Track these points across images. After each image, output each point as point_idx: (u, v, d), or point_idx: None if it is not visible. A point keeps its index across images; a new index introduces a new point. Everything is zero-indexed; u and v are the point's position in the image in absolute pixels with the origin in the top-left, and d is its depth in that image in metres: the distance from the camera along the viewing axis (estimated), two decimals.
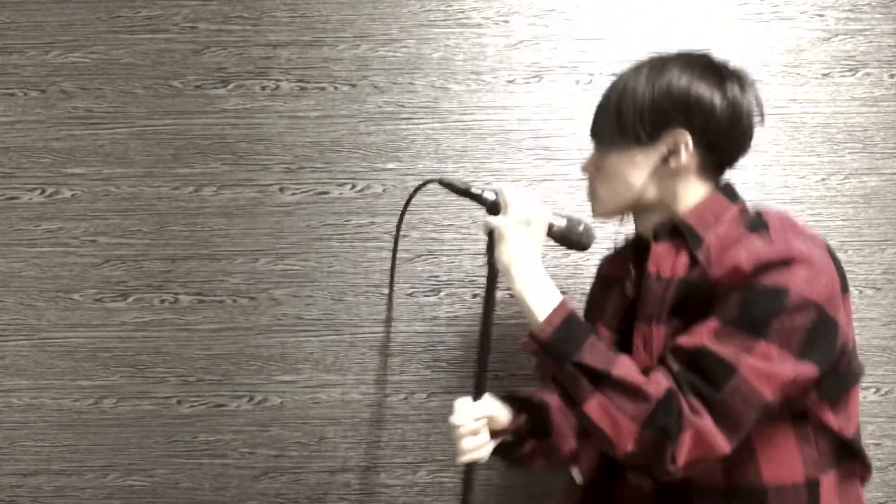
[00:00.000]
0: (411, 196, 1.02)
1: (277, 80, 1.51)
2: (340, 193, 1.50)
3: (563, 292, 1.01)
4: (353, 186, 1.50)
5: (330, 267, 1.50)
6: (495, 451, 1.13)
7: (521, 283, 0.97)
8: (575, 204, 1.48)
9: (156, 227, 1.51)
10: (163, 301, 1.50)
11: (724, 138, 0.99)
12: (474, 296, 1.49)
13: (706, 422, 0.87)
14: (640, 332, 0.99)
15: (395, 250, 1.05)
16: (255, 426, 1.50)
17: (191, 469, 1.50)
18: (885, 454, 1.49)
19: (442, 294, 1.49)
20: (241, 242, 1.50)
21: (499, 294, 1.43)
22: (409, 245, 1.49)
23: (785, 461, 0.92)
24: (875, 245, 1.49)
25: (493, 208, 1.03)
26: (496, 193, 1.03)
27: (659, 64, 1.00)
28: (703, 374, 0.88)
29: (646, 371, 0.93)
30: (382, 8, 1.51)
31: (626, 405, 0.89)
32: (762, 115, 1.02)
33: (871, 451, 1.48)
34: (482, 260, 1.49)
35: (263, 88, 1.51)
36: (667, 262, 0.98)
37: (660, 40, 1.49)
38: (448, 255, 1.49)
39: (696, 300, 0.93)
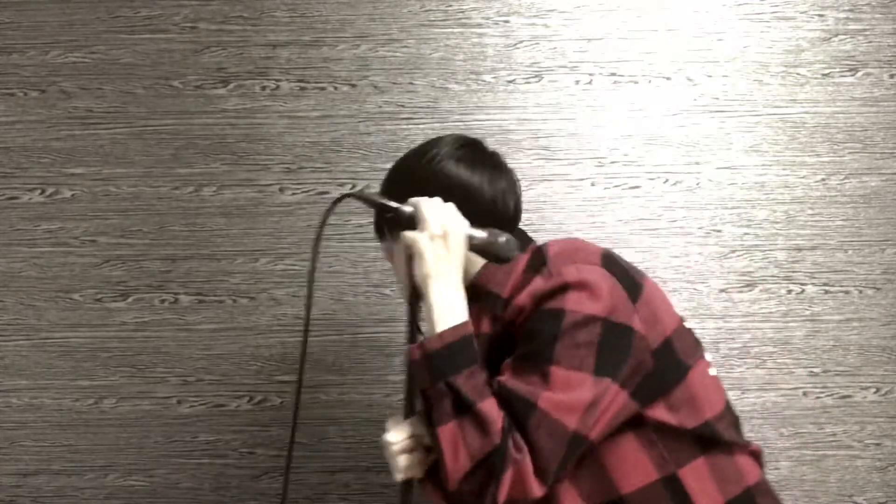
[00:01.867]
0: (328, 211, 0.99)
1: (277, 80, 1.51)
2: (340, 194, 1.50)
3: None
4: (354, 186, 1.50)
5: (330, 267, 1.50)
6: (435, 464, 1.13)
7: (433, 295, 0.96)
8: (576, 203, 1.49)
9: (156, 227, 1.51)
10: (163, 301, 1.50)
11: (490, 213, 1.05)
12: None
13: (526, 460, 0.88)
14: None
15: (313, 266, 1.02)
16: (255, 426, 1.50)
17: (191, 469, 1.51)
18: (885, 454, 1.49)
19: None
20: (241, 242, 1.50)
21: None
22: None
23: (634, 468, 0.94)
24: (875, 245, 1.49)
25: (410, 223, 1.00)
26: (413, 207, 1.01)
27: (433, 150, 1.05)
28: (511, 413, 0.90)
29: None
30: (382, 8, 1.51)
31: (474, 441, 0.89)
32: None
33: (870, 451, 1.48)
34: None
35: (263, 88, 1.51)
36: (476, 323, 1.02)
37: (660, 40, 1.49)
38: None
39: (502, 350, 0.96)
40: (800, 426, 1.49)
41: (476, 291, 1.03)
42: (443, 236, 0.97)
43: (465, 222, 1.01)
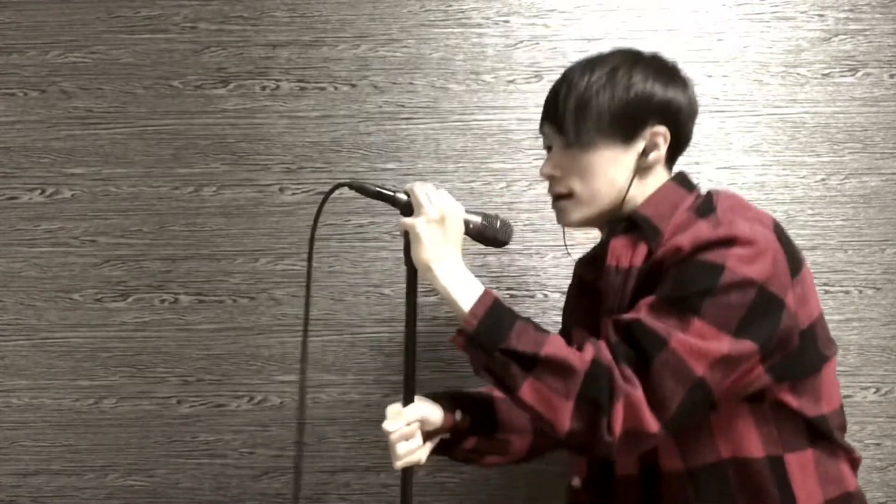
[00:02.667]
0: (323, 201, 1.01)
1: (277, 80, 1.51)
2: (340, 193, 1.49)
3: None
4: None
5: (330, 267, 1.50)
6: (437, 451, 1.13)
7: (442, 279, 0.96)
8: None
9: (156, 227, 1.51)
10: (163, 301, 1.50)
11: (686, 133, 1.06)
12: None
13: (638, 393, 0.86)
14: (605, 326, 0.98)
15: (310, 255, 1.04)
16: (255, 426, 1.50)
17: (191, 469, 1.50)
18: (885, 454, 1.49)
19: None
20: (241, 242, 1.50)
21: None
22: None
23: (741, 438, 0.93)
24: (875, 245, 1.49)
25: (407, 209, 1.01)
26: (408, 194, 1.01)
27: (626, 65, 1.01)
28: (636, 345, 0.88)
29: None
30: (382, 8, 1.51)
31: (556, 383, 0.88)
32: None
33: (870, 451, 1.48)
34: (482, 260, 1.49)
35: (263, 88, 1.51)
36: (624, 254, 0.99)
37: (660, 40, 1.49)
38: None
39: (652, 285, 0.93)
40: None
41: (636, 220, 1.00)
42: (439, 220, 0.98)
43: (460, 206, 1.02)
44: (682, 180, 1.05)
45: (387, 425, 1.02)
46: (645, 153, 1.01)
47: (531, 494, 1.48)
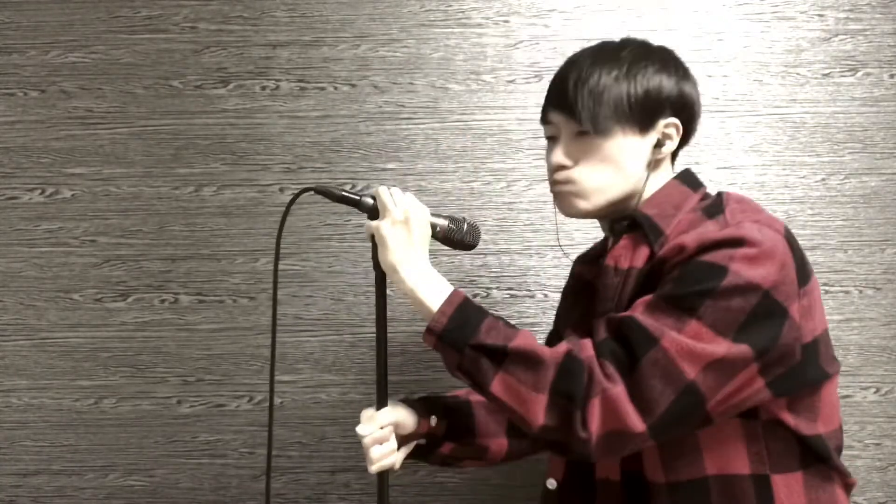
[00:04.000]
0: (288, 206, 0.99)
1: (277, 80, 1.51)
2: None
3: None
4: (354, 186, 1.50)
5: (330, 267, 1.50)
6: (414, 456, 1.12)
7: (409, 281, 0.95)
8: None
9: (156, 227, 1.51)
10: (163, 301, 1.50)
11: (693, 129, 1.04)
12: (474, 296, 1.49)
13: (618, 389, 0.83)
14: (598, 326, 0.95)
15: (276, 260, 1.02)
16: (255, 426, 1.50)
17: (191, 469, 1.50)
18: (885, 454, 1.49)
19: None
20: (241, 242, 1.50)
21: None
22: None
23: (729, 456, 0.90)
24: (875, 245, 1.49)
25: (373, 213, 1.00)
26: (374, 198, 1.00)
27: (640, 56, 0.99)
28: (625, 342, 0.86)
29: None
30: (382, 8, 1.51)
31: (525, 376, 0.87)
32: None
33: (870, 451, 1.48)
34: (482, 260, 1.49)
35: (263, 88, 1.51)
36: (625, 255, 0.97)
37: (660, 40, 1.49)
38: (448, 255, 1.49)
39: (652, 286, 0.91)
40: None
41: (638, 220, 0.97)
42: (404, 222, 0.97)
43: (426, 209, 1.00)
44: (687, 178, 1.02)
45: (360, 429, 1.02)
46: (658, 145, 0.99)
47: (531, 494, 1.48)
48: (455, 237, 1.03)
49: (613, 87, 0.96)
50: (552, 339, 1.21)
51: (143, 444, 1.50)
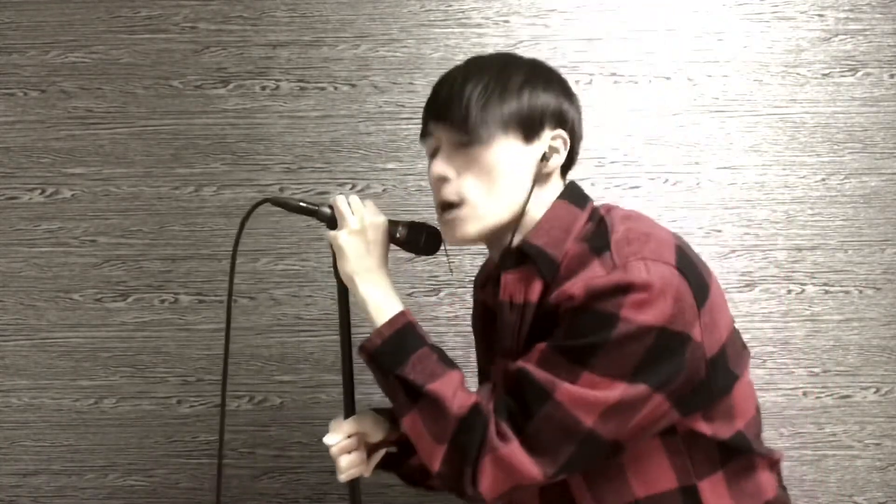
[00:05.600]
0: (245, 218, 0.99)
1: (277, 80, 1.51)
2: (341, 193, 1.50)
3: None
4: (354, 186, 1.50)
5: (330, 267, 1.50)
6: (386, 467, 1.12)
7: (362, 292, 0.95)
8: None
9: (156, 227, 1.51)
10: (163, 301, 1.50)
11: (576, 149, 0.99)
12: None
13: (510, 448, 0.83)
14: (499, 368, 0.96)
15: (232, 268, 1.02)
16: (255, 426, 1.50)
17: (191, 469, 1.50)
18: (885, 454, 1.49)
19: (442, 294, 1.49)
20: (241, 242, 1.50)
21: None
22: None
23: (655, 474, 0.89)
24: (875, 245, 1.49)
25: (332, 222, 0.99)
26: (331, 207, 0.99)
27: (517, 69, 0.95)
28: (519, 398, 0.85)
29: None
30: (382, 8, 1.51)
31: (431, 424, 0.87)
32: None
33: (870, 451, 1.48)
34: (482, 259, 1.49)
35: (263, 88, 1.51)
36: (518, 289, 0.93)
37: (660, 40, 1.49)
38: (448, 255, 1.49)
39: (543, 328, 0.88)
40: (800, 426, 1.49)
41: (527, 253, 0.93)
42: (361, 231, 0.96)
43: (383, 217, 0.99)
44: (573, 194, 0.96)
45: (327, 439, 1.02)
46: (545, 158, 0.93)
47: None
48: (414, 242, 1.02)
49: (496, 97, 0.92)
50: (481, 377, 1.18)
51: (143, 444, 1.50)
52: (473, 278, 1.34)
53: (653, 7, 1.51)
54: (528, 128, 0.92)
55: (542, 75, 0.95)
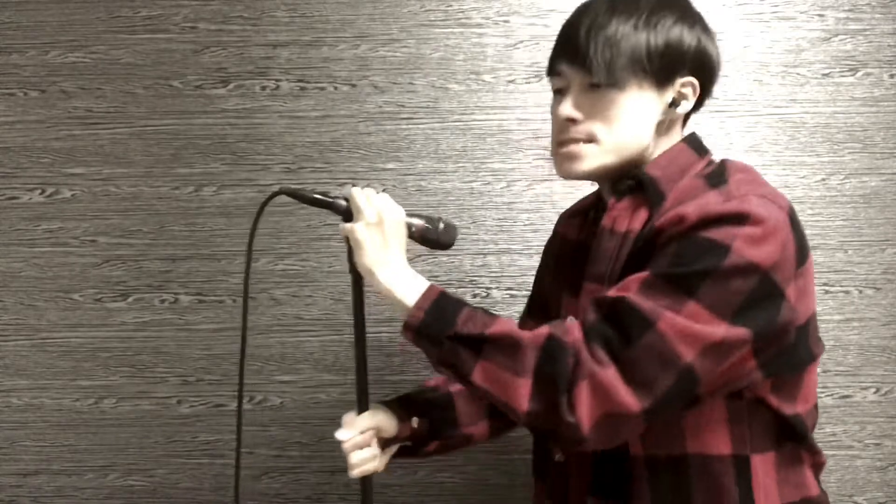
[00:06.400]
0: (260, 210, 0.98)
1: (277, 80, 1.51)
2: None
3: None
4: (353, 186, 1.50)
5: (330, 267, 1.50)
6: (400, 455, 1.11)
7: (385, 283, 0.93)
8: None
9: (156, 227, 1.51)
10: (163, 301, 1.50)
11: (710, 90, 0.98)
12: (474, 296, 1.49)
13: (607, 372, 0.80)
14: (588, 292, 0.93)
15: (248, 263, 1.01)
16: (255, 426, 1.50)
17: (191, 469, 1.50)
18: (885, 454, 1.49)
19: None
20: (241, 242, 1.50)
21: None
22: (409, 245, 1.49)
23: (711, 436, 0.88)
24: (875, 245, 1.49)
25: (347, 215, 0.98)
26: (346, 199, 0.98)
27: (660, 6, 0.93)
28: (618, 325, 0.82)
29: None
30: (382, 8, 1.51)
31: (506, 361, 0.84)
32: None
33: (870, 451, 1.48)
34: (482, 260, 1.49)
35: (263, 88, 1.51)
36: (623, 217, 0.93)
37: None
38: (448, 255, 1.49)
39: (648, 254, 0.86)
40: None
41: (642, 181, 0.93)
42: (378, 223, 0.94)
43: (401, 209, 0.97)
44: (694, 142, 0.97)
45: (339, 434, 1.00)
46: (674, 104, 0.93)
47: (532, 495, 1.48)
48: (431, 237, 1.01)
49: (631, 37, 0.90)
50: (532, 306, 1.18)
51: (143, 444, 1.50)
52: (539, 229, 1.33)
53: None
54: (662, 74, 0.91)
55: (681, 13, 0.93)
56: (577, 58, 0.92)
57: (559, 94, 0.97)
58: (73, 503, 1.51)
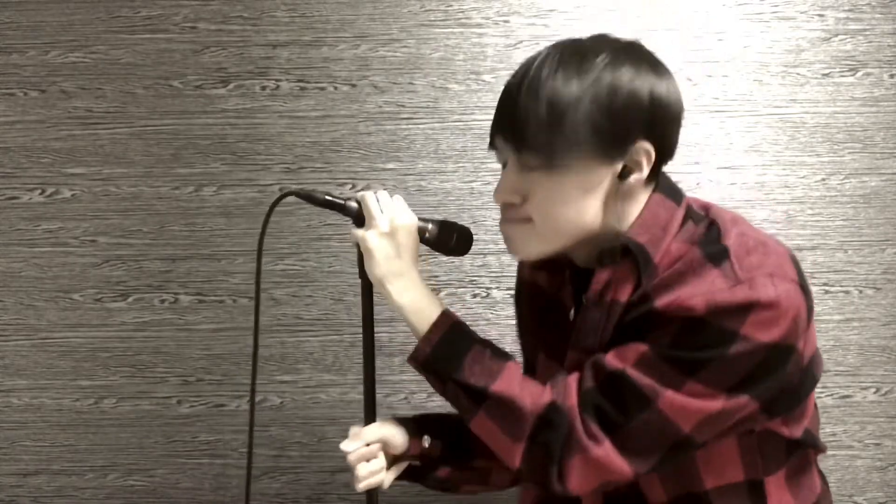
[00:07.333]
0: (270, 210, 0.95)
1: (277, 80, 1.51)
2: (341, 193, 1.50)
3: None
4: (354, 186, 1.50)
5: (330, 267, 1.50)
6: (409, 477, 1.07)
7: (397, 298, 0.91)
8: None
9: (156, 227, 1.51)
10: (163, 301, 1.50)
11: (672, 143, 0.87)
12: (474, 296, 1.49)
13: (603, 449, 0.80)
14: (573, 360, 0.90)
15: (259, 263, 0.98)
16: (255, 426, 1.50)
17: (191, 469, 1.50)
18: (885, 454, 1.49)
19: (442, 294, 1.49)
20: (241, 242, 1.50)
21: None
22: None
23: (725, 467, 0.87)
24: (875, 245, 1.49)
25: (359, 219, 0.94)
26: (358, 203, 0.93)
27: (608, 59, 0.82)
28: (616, 399, 0.81)
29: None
30: (382, 8, 1.51)
31: (504, 424, 0.84)
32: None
33: (870, 451, 1.48)
34: (482, 260, 1.49)
35: (263, 88, 1.51)
36: (609, 287, 0.87)
37: (660, 40, 1.49)
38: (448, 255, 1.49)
39: (638, 328, 0.82)
40: None
41: (632, 248, 0.85)
42: (391, 233, 0.91)
43: (414, 216, 0.94)
44: (667, 188, 0.88)
45: (344, 445, 0.98)
46: (624, 175, 0.83)
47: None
48: (445, 242, 0.98)
49: (574, 108, 0.80)
50: (526, 370, 1.10)
51: (143, 444, 1.50)
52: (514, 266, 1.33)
53: (653, 7, 1.51)
54: (609, 145, 0.82)
55: (634, 65, 0.82)
56: (513, 134, 0.84)
57: (505, 165, 0.90)
58: (73, 503, 1.51)
